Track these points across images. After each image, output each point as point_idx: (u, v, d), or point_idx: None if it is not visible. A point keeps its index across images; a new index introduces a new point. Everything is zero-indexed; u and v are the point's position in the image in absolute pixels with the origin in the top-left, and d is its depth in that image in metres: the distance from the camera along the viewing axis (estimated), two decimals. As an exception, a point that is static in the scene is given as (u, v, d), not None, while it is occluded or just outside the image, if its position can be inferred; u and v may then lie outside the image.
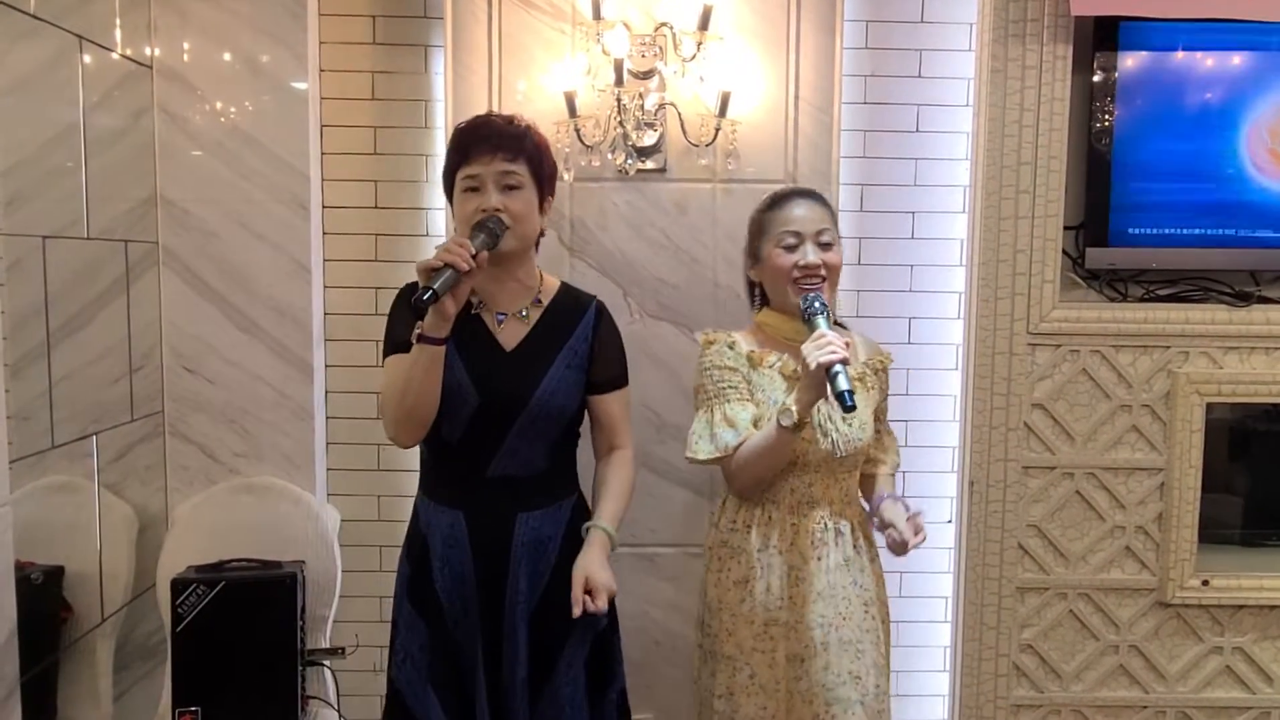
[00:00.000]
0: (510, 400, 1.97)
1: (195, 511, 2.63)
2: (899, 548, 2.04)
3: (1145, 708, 2.81)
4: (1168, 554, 2.74)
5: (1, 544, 1.68)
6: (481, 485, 2.00)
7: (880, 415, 2.25)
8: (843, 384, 1.82)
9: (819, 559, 2.08)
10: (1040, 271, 2.67)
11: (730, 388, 2.09)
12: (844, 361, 1.85)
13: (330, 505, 2.82)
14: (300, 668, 2.44)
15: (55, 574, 2.25)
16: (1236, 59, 2.63)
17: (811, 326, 1.96)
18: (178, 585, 2.38)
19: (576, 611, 1.91)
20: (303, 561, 2.56)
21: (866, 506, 2.25)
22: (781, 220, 2.12)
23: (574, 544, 2.05)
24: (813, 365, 1.86)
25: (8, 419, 1.75)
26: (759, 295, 2.23)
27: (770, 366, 2.13)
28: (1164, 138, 2.63)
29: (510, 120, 2.02)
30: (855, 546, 2.13)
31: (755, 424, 2.06)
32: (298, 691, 2.44)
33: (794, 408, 1.93)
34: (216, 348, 2.66)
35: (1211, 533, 2.81)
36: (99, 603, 2.40)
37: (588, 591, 1.93)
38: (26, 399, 2.11)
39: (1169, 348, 2.71)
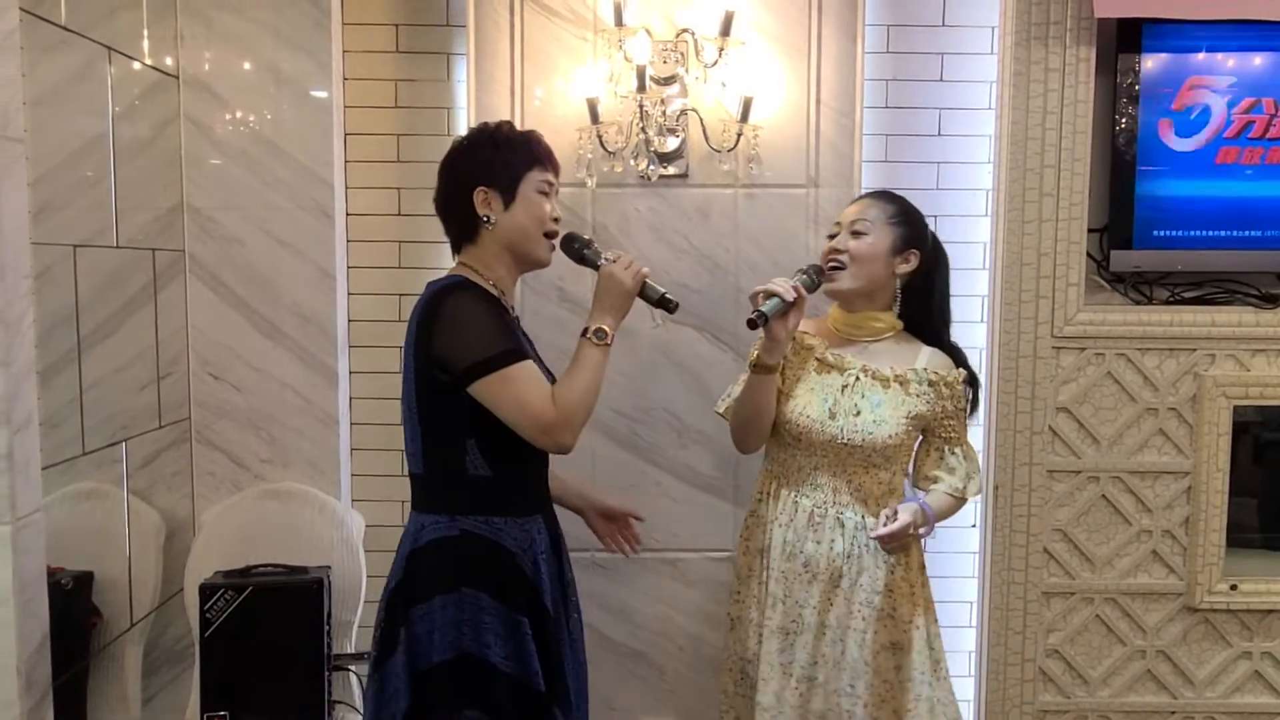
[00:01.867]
0: None
1: (222, 517, 2.65)
2: (883, 544, 2.11)
3: (1173, 714, 2.79)
4: (1195, 558, 2.72)
5: (33, 550, 1.70)
6: (546, 488, 2.09)
7: (937, 431, 2.22)
8: (764, 306, 2.03)
9: (817, 542, 2.14)
10: (1064, 274, 2.66)
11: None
12: (776, 295, 2.03)
13: (355, 511, 2.83)
14: (326, 673, 2.46)
15: (85, 579, 2.27)
16: (1258, 60, 2.62)
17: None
18: (206, 590, 2.40)
19: None
20: (328, 567, 2.57)
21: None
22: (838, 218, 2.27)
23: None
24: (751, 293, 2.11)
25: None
26: None
27: (809, 348, 2.23)
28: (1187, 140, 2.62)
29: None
30: (865, 545, 2.14)
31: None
32: (324, 696, 2.45)
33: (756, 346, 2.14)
34: (242, 354, 2.68)
35: (1239, 537, 2.78)
36: (128, 608, 2.42)
37: None
38: (56, 406, 2.13)
39: (1195, 350, 2.69)
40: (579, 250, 2.07)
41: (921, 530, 2.11)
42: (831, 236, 2.23)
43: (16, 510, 1.63)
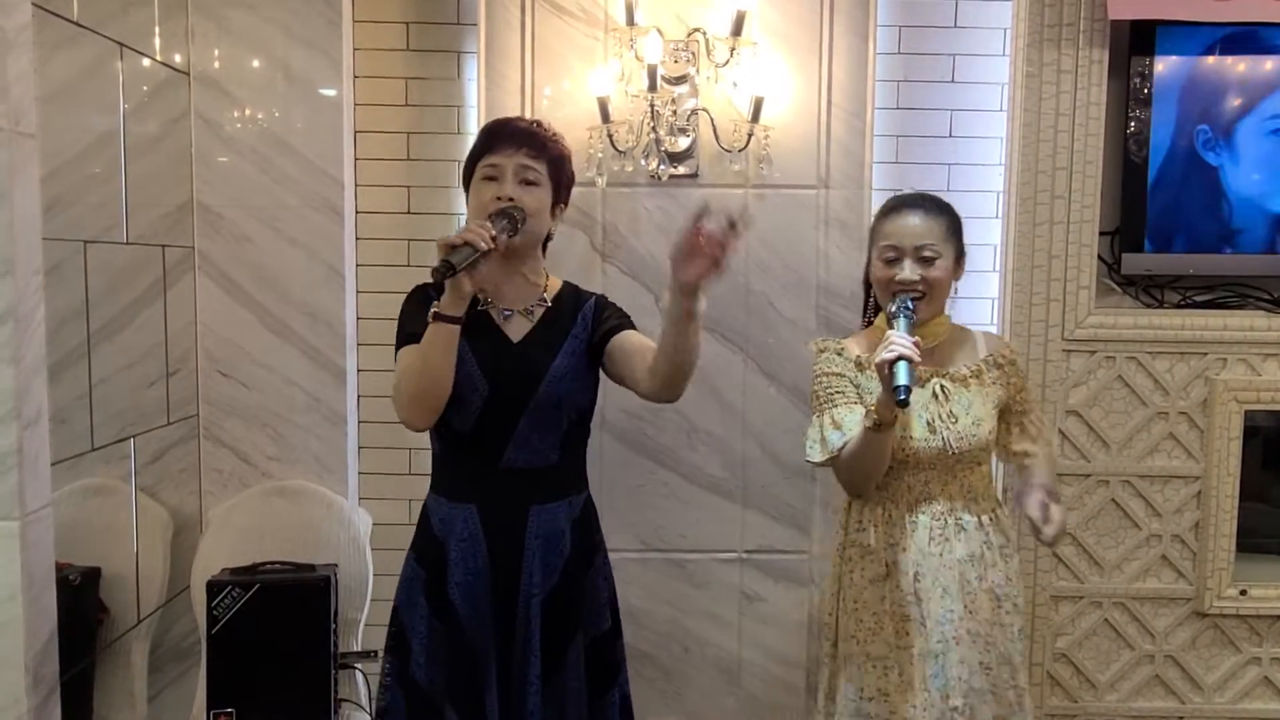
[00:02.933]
0: (519, 388, 1.97)
1: (229, 514, 2.65)
2: (1043, 539, 2.05)
3: (1181, 718, 2.77)
4: (1205, 563, 2.71)
5: (42, 545, 1.69)
6: (494, 477, 2.00)
7: (1014, 408, 2.18)
8: (899, 378, 1.84)
9: (941, 555, 2.08)
10: (1075, 277, 2.65)
11: (838, 392, 2.11)
12: (904, 359, 1.86)
13: (362, 509, 2.83)
14: (333, 670, 2.46)
15: (92, 575, 2.27)
16: (1269, 64, 2.61)
17: (891, 329, 1.99)
18: (213, 587, 2.40)
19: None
20: (335, 565, 2.57)
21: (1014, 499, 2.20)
22: (885, 233, 2.12)
23: (583, 539, 2.06)
24: (876, 361, 1.91)
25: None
26: (873, 298, 2.22)
27: (874, 368, 2.12)
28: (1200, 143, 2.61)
29: (538, 123, 2.06)
30: (984, 542, 2.10)
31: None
32: (330, 694, 2.45)
33: (872, 408, 1.96)
34: (250, 352, 2.68)
35: (1249, 541, 2.78)
36: (135, 604, 2.42)
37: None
38: (65, 401, 2.13)
39: (1206, 354, 2.68)
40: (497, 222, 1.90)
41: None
42: (890, 261, 2.08)
43: (25, 505, 1.63)
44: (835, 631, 2.19)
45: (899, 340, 1.90)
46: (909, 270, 2.07)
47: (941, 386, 2.10)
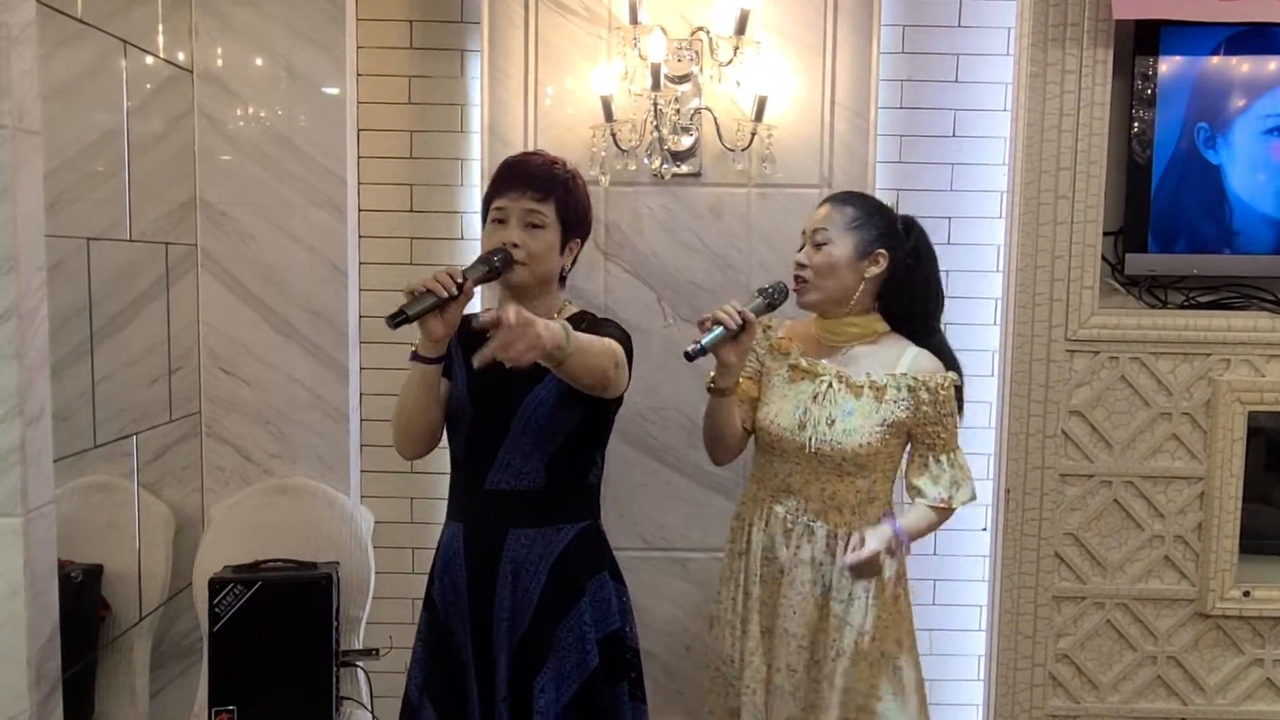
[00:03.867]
0: (500, 412, 1.99)
1: (231, 512, 2.65)
2: (855, 573, 2.07)
3: (1184, 720, 2.78)
4: (1208, 564, 2.70)
5: (44, 542, 1.69)
6: (479, 498, 2.02)
7: (920, 438, 2.13)
8: (706, 337, 1.94)
9: (787, 547, 2.12)
10: (1079, 278, 2.64)
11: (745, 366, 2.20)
12: (719, 323, 1.94)
13: (364, 507, 2.83)
14: (334, 668, 2.46)
15: (95, 572, 2.28)
16: (1273, 65, 2.60)
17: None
18: (215, 585, 2.40)
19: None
20: (337, 562, 2.57)
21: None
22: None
23: (564, 575, 2.00)
24: (697, 320, 2.04)
25: (51, 418, 1.77)
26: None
27: (786, 355, 2.20)
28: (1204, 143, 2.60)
29: (552, 162, 2.04)
30: (828, 550, 2.10)
31: (743, 400, 2.21)
32: (332, 692, 2.45)
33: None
34: (253, 349, 2.68)
35: (1252, 543, 2.77)
36: (137, 601, 2.42)
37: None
38: (67, 399, 2.13)
39: (1210, 355, 2.68)
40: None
41: (892, 558, 2.05)
42: (800, 249, 2.14)
43: (28, 502, 1.63)
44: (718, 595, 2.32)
45: (726, 307, 1.98)
46: (802, 254, 2.13)
47: (830, 385, 2.10)
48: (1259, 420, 2.74)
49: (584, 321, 2.06)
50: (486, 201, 2.04)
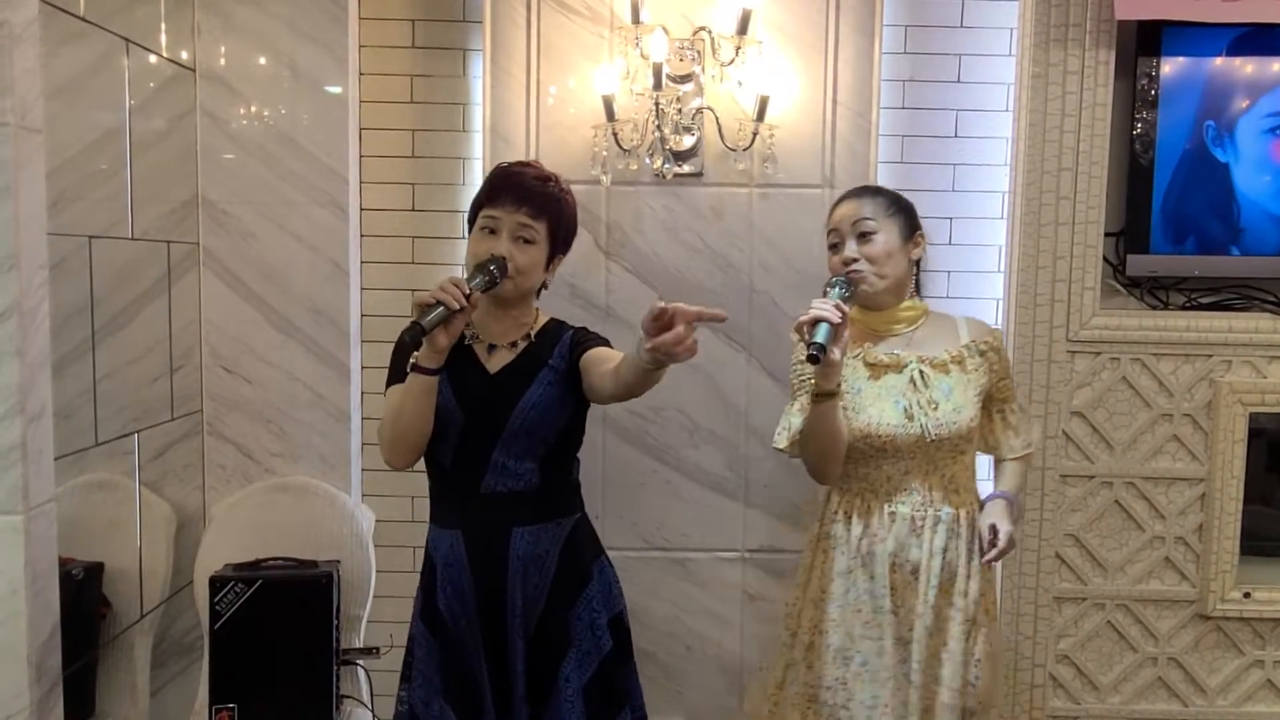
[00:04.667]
0: (492, 416, 2.00)
1: (232, 510, 2.65)
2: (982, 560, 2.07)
3: (1184, 721, 2.78)
4: (1208, 565, 2.70)
5: (45, 540, 1.70)
6: (475, 503, 2.03)
7: (995, 395, 2.17)
8: (817, 336, 1.86)
9: (920, 546, 2.08)
10: (1080, 278, 2.65)
11: (805, 380, 2.11)
12: (822, 320, 1.87)
13: (365, 506, 2.83)
14: (335, 667, 2.46)
15: (95, 570, 2.28)
16: (1277, 65, 2.60)
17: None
18: (216, 583, 2.40)
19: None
20: (338, 561, 2.57)
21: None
22: (828, 225, 2.18)
23: (571, 563, 2.06)
24: (795, 324, 1.95)
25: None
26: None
27: (854, 356, 2.13)
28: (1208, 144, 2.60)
29: (547, 179, 2.06)
30: (957, 534, 2.09)
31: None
32: (332, 690, 2.45)
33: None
34: (254, 348, 2.68)
35: (1253, 544, 2.77)
36: (138, 599, 2.42)
37: None
38: (69, 397, 2.13)
39: (1211, 356, 2.68)
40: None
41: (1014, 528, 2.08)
42: (833, 246, 2.15)
43: (29, 500, 1.63)
44: (797, 622, 2.19)
45: (818, 303, 1.92)
46: (849, 249, 2.11)
47: (920, 372, 2.09)
48: (1260, 422, 2.74)
49: (569, 332, 2.10)
50: (477, 206, 2.05)
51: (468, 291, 1.86)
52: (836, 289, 2.01)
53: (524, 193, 2.00)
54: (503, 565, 2.01)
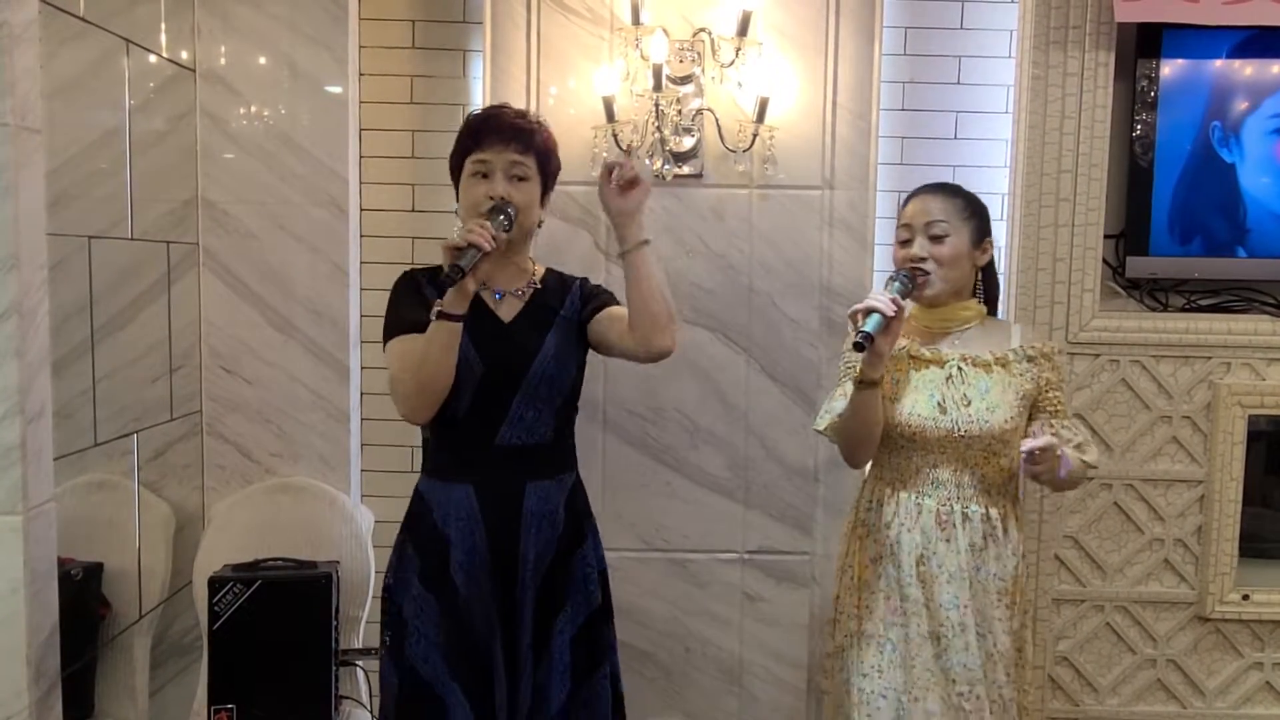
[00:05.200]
0: (512, 366, 2.01)
1: (231, 511, 2.65)
2: (1033, 460, 1.97)
3: (1183, 723, 2.78)
4: (1207, 567, 2.70)
5: (44, 540, 1.70)
6: (491, 455, 2.03)
7: (1043, 405, 2.13)
8: (867, 325, 1.90)
9: (947, 540, 2.08)
10: (1080, 280, 2.65)
11: (851, 366, 2.13)
12: (875, 310, 1.91)
13: (364, 506, 2.83)
14: (334, 667, 2.46)
15: (95, 571, 2.28)
16: (1277, 68, 2.61)
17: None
18: (215, 583, 2.40)
19: None
20: (337, 562, 2.57)
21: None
22: (902, 217, 2.17)
23: (574, 518, 2.10)
24: (849, 311, 1.99)
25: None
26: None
27: (900, 349, 2.13)
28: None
29: (523, 114, 2.08)
30: (988, 535, 2.09)
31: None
32: (331, 691, 2.45)
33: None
34: (254, 348, 2.68)
35: (1251, 546, 2.77)
36: (137, 600, 2.42)
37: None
38: (68, 397, 2.13)
39: (1210, 358, 2.68)
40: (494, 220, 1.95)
41: (1056, 471, 2.00)
42: (904, 242, 2.14)
43: (28, 500, 1.63)
44: (836, 609, 2.22)
45: (875, 293, 1.95)
46: (918, 247, 2.11)
47: (959, 368, 2.09)
48: (1259, 424, 2.74)
49: (576, 282, 2.16)
50: (463, 154, 2.05)
51: (494, 232, 1.86)
52: (898, 283, 2.04)
53: (510, 130, 2.01)
54: (516, 520, 2.02)
